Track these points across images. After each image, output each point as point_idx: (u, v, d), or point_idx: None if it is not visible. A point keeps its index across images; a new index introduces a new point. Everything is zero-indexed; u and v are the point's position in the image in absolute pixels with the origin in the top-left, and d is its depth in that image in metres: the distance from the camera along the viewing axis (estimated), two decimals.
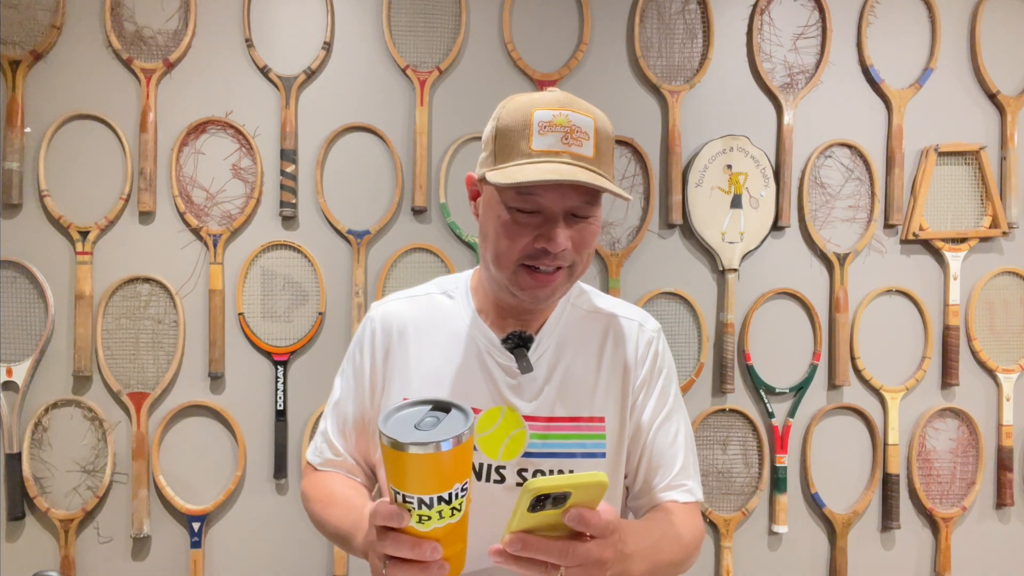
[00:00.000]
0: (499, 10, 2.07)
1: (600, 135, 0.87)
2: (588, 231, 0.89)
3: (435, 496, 0.65)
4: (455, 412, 0.69)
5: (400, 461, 0.64)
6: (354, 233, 2.02)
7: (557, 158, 0.84)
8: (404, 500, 0.66)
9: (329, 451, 1.03)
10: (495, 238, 0.89)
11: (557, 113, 0.85)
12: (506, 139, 0.87)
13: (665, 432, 0.99)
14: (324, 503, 0.97)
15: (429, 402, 0.71)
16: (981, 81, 2.15)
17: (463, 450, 0.65)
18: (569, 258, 0.88)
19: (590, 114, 0.87)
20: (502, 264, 0.89)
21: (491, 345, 0.96)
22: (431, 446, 0.63)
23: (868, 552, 2.14)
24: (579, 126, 0.85)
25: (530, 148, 0.84)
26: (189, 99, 1.99)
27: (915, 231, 2.11)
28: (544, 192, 0.85)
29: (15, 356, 1.93)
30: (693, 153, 2.09)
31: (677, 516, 0.94)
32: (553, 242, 0.85)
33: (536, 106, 0.86)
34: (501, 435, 0.93)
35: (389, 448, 0.64)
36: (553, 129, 0.85)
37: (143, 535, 1.94)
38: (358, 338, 1.03)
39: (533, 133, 0.85)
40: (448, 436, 0.64)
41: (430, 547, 0.67)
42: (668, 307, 2.10)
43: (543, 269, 0.88)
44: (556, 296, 0.93)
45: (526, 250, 0.87)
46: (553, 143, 0.84)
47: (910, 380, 2.14)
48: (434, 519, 0.66)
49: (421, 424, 0.68)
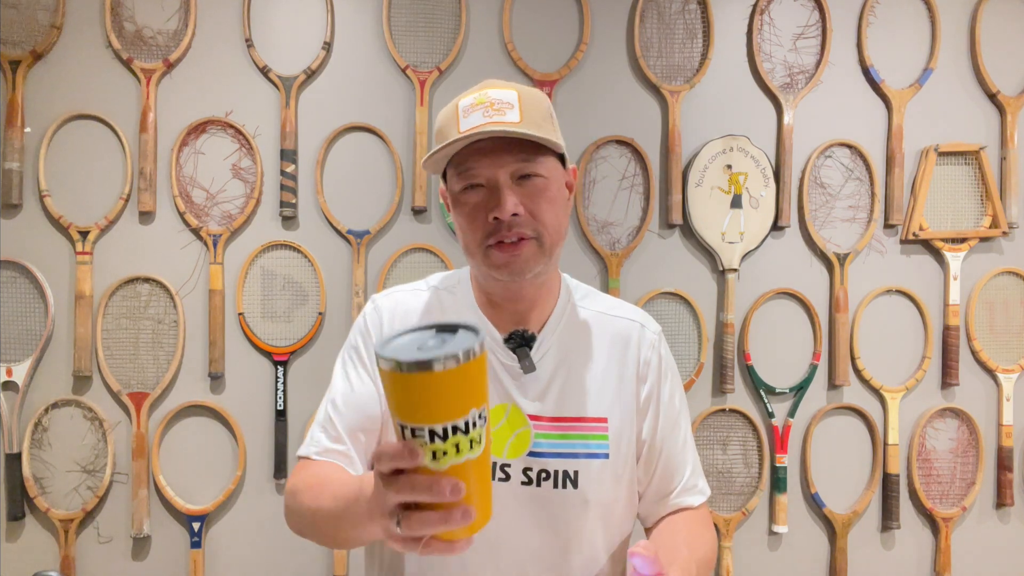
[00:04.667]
0: (499, 10, 2.07)
1: (526, 103, 0.87)
2: (539, 191, 0.88)
3: (449, 424, 0.55)
4: (463, 332, 0.59)
5: (405, 385, 0.54)
6: (354, 233, 2.02)
7: (481, 129, 0.84)
8: (413, 434, 0.56)
9: (328, 439, 0.94)
10: (460, 230, 0.92)
11: (478, 95, 0.88)
12: (439, 133, 0.90)
13: (674, 439, 0.99)
14: (317, 489, 0.86)
15: (433, 326, 0.61)
16: (981, 81, 2.15)
17: (476, 367, 0.56)
18: (528, 224, 0.88)
19: (513, 88, 0.89)
20: (472, 251, 0.91)
21: (494, 343, 0.96)
22: (439, 363, 0.53)
23: (868, 552, 2.14)
24: (500, 99, 0.87)
25: (457, 131, 0.86)
26: (189, 99, 1.99)
27: (915, 231, 2.11)
28: (478, 163, 0.86)
29: (15, 356, 1.93)
30: (693, 153, 2.09)
31: (697, 527, 0.96)
32: (500, 208, 0.85)
33: (460, 97, 0.89)
34: (506, 432, 0.93)
35: (390, 372, 0.54)
36: (475, 108, 0.86)
37: (143, 535, 1.94)
38: (360, 325, 1.00)
39: (459, 118, 0.86)
40: (459, 349, 0.54)
41: (450, 484, 0.55)
42: (668, 307, 2.10)
43: (506, 240, 0.87)
44: (533, 268, 0.89)
45: (485, 227, 0.88)
46: (476, 119, 0.85)
47: (910, 380, 2.14)
48: (450, 453, 0.55)
49: (425, 347, 0.58)
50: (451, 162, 0.90)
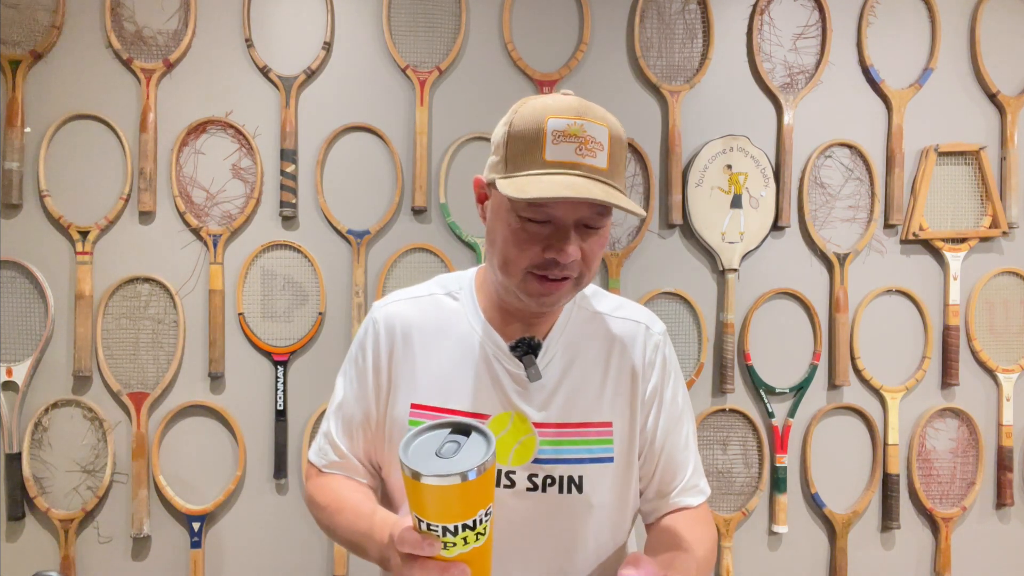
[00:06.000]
0: (499, 10, 2.07)
1: (614, 144, 0.85)
2: (598, 242, 0.88)
3: (460, 524, 0.64)
4: (476, 436, 0.68)
5: (423, 492, 0.63)
6: (354, 233, 2.02)
7: (571, 170, 0.82)
8: (428, 527, 0.65)
9: (333, 453, 1.01)
10: (503, 245, 0.88)
11: (572, 123, 0.83)
12: (518, 146, 0.84)
13: (676, 438, 0.99)
14: (332, 510, 0.96)
15: (448, 425, 0.70)
16: (981, 81, 2.15)
17: (487, 477, 0.64)
18: (577, 268, 0.87)
19: (605, 123, 0.85)
20: (510, 271, 0.88)
21: (499, 351, 0.95)
22: (455, 477, 0.62)
23: (868, 552, 2.14)
24: (593, 136, 0.83)
25: (543, 158, 0.82)
26: (189, 99, 1.99)
27: (915, 231, 2.11)
28: (556, 204, 0.83)
29: (15, 356, 1.94)
30: (693, 153, 2.09)
31: (697, 527, 0.97)
32: (563, 253, 0.84)
33: (550, 113, 0.83)
34: (511, 440, 0.93)
35: (411, 479, 0.63)
36: (567, 139, 0.82)
37: (143, 535, 1.94)
38: (360, 339, 1.02)
39: (547, 143, 0.82)
40: (472, 466, 0.62)
41: (459, 571, 0.67)
42: (668, 307, 2.10)
43: (551, 277, 0.87)
44: (562, 303, 0.92)
45: (535, 259, 0.86)
46: (567, 154, 0.82)
47: (910, 380, 2.14)
48: (459, 545, 0.65)
49: (442, 451, 0.66)
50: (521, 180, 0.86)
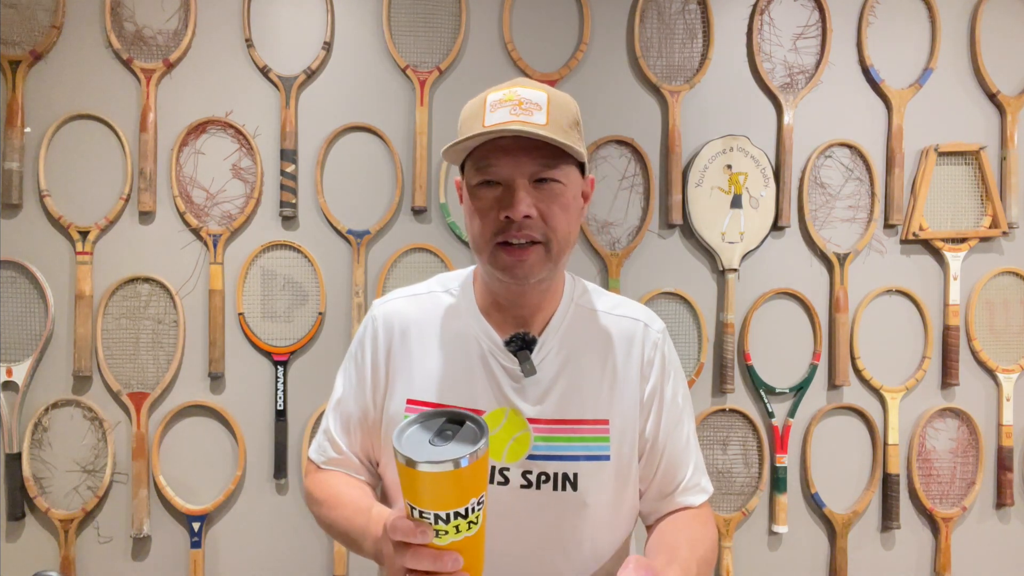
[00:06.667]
0: (499, 10, 2.07)
1: (554, 107, 0.87)
2: (554, 197, 0.88)
3: (452, 511, 0.64)
4: (469, 425, 0.68)
5: (416, 479, 0.63)
6: (354, 233, 2.02)
7: (506, 127, 0.83)
8: (421, 515, 0.65)
9: (332, 449, 1.02)
10: (470, 223, 0.91)
11: (507, 91, 0.87)
12: (464, 126, 0.89)
13: (677, 437, 0.99)
14: (330, 505, 0.97)
15: (442, 414, 0.70)
16: (981, 81, 2.15)
17: (480, 465, 0.65)
18: (538, 228, 0.87)
19: (543, 89, 0.88)
20: (480, 247, 0.90)
21: (494, 346, 0.96)
22: (448, 463, 0.62)
23: (868, 552, 2.14)
24: (529, 98, 0.86)
25: (482, 125, 0.85)
26: (189, 99, 1.99)
27: (915, 231, 2.11)
28: (498, 161, 0.86)
29: (15, 356, 1.94)
30: (693, 153, 2.09)
31: (698, 526, 0.96)
32: (513, 208, 0.85)
33: (490, 91, 0.89)
34: (505, 437, 0.92)
35: (404, 466, 0.63)
36: (503, 105, 0.85)
37: (143, 535, 1.94)
38: (360, 336, 1.03)
39: (485, 112, 0.86)
40: (465, 453, 0.63)
41: (451, 559, 0.67)
42: (668, 307, 2.10)
43: (515, 242, 0.87)
44: (538, 274, 0.90)
45: (495, 225, 0.87)
46: (503, 116, 0.84)
47: (910, 380, 2.14)
48: (451, 533, 0.66)
49: (435, 439, 0.67)
50: (471, 155, 0.90)
